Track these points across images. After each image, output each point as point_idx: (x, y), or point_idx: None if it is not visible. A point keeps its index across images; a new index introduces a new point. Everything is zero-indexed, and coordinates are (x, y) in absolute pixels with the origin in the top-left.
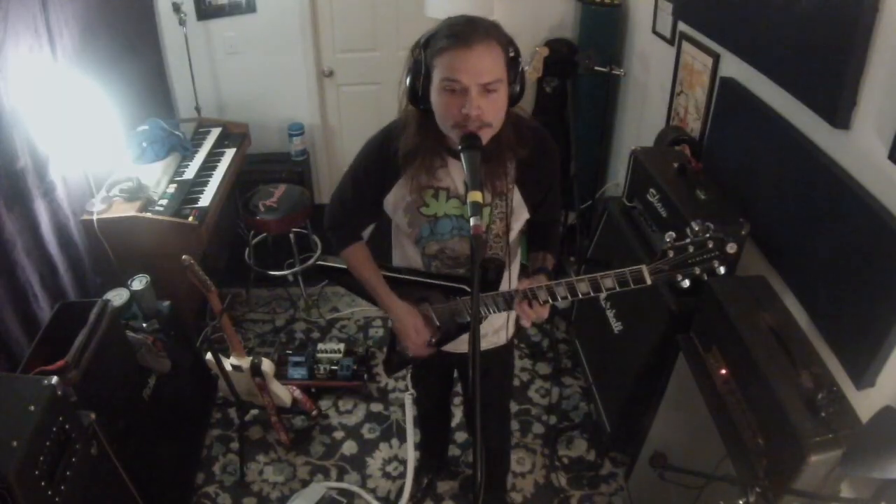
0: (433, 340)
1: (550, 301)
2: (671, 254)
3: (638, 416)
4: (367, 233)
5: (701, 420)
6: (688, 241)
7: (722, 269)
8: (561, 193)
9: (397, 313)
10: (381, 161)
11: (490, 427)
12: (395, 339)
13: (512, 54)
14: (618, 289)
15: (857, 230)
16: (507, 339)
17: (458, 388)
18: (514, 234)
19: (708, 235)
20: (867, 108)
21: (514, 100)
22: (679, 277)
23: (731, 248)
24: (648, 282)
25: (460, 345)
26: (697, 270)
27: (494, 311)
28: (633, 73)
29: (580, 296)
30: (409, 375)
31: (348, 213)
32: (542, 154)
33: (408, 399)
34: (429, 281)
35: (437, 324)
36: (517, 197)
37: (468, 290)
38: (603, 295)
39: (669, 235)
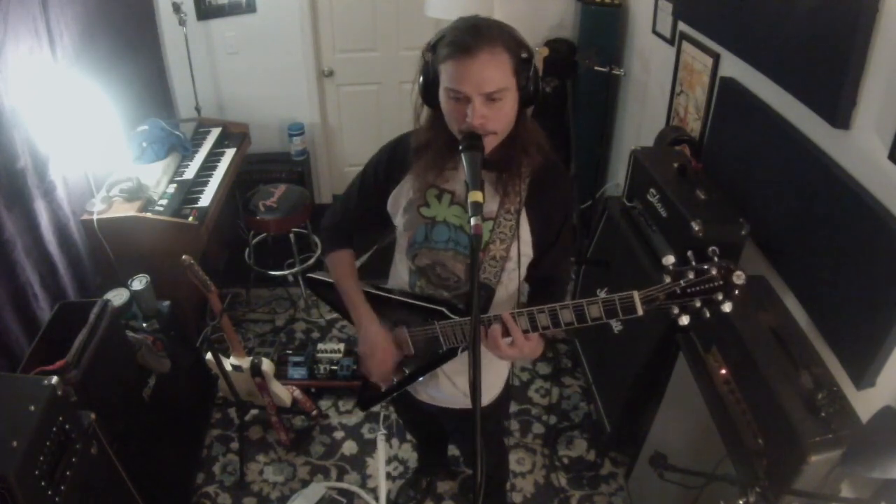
0: (406, 371)
1: (531, 330)
2: (668, 279)
3: (638, 416)
4: (361, 260)
5: (701, 420)
6: (688, 267)
7: (728, 306)
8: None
9: (367, 331)
10: (390, 160)
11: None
12: None
13: (525, 56)
14: (604, 318)
15: (857, 230)
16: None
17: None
18: (511, 264)
19: (713, 263)
20: (867, 108)
21: (526, 102)
22: (676, 310)
23: (739, 277)
24: (640, 311)
25: (437, 396)
26: (698, 303)
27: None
28: (633, 73)
29: (563, 326)
30: (381, 414)
31: (348, 214)
32: (554, 183)
33: (380, 439)
34: (410, 301)
35: (412, 351)
36: (524, 222)
37: (450, 314)
38: (589, 324)
39: (667, 259)
